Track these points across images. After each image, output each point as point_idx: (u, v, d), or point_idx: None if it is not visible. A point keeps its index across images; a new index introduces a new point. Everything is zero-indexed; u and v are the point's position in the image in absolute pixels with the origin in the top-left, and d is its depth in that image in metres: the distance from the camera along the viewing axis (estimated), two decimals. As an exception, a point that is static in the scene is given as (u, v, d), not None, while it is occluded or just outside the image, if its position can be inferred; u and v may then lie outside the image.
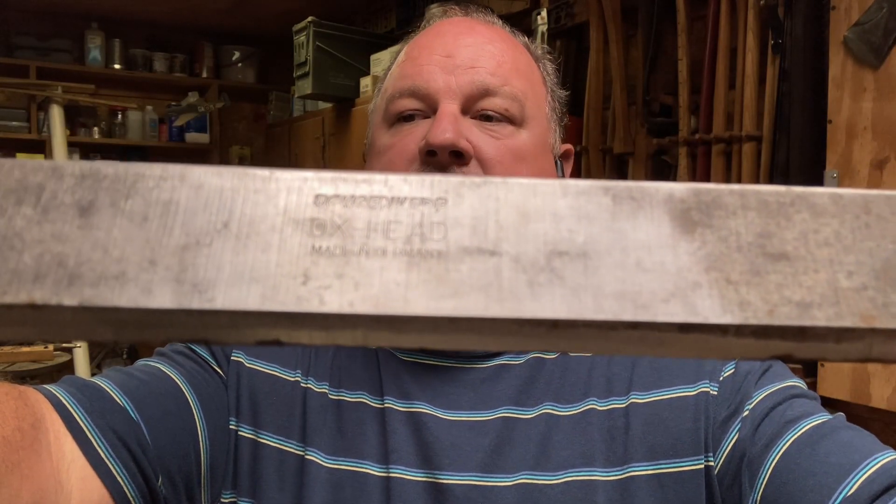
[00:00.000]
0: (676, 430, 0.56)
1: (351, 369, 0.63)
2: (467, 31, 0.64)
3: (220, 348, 0.64)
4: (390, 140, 0.62)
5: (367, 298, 0.15)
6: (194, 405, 0.59)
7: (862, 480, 0.46)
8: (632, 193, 0.17)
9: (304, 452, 0.60)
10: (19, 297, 0.14)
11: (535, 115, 0.64)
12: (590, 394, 0.59)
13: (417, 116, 0.62)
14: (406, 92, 0.62)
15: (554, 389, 0.60)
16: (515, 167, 0.61)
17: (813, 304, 0.15)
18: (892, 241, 0.16)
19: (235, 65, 4.40)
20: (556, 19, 2.29)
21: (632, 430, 0.57)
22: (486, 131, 0.61)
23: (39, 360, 2.59)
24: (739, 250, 0.16)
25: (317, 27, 2.98)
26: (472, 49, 0.62)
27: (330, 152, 3.45)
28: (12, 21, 3.88)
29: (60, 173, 0.16)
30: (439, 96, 0.60)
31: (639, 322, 0.15)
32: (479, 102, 0.61)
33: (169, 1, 3.71)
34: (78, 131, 3.97)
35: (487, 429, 0.58)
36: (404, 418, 0.60)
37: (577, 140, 2.23)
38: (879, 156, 1.38)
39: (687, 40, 1.87)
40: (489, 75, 0.61)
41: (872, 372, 1.39)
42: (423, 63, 0.62)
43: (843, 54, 1.44)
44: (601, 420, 0.58)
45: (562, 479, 0.56)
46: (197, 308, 0.15)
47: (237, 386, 0.62)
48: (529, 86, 0.64)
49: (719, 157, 1.80)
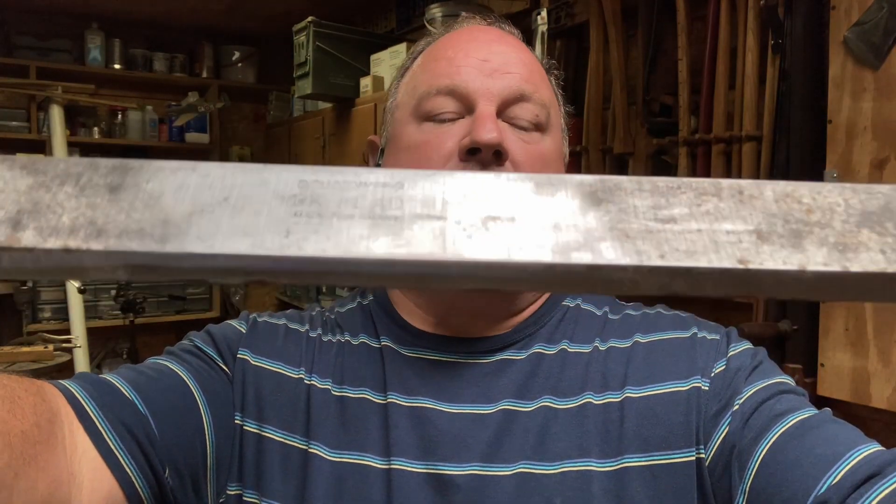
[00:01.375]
0: (669, 424, 0.59)
1: (354, 367, 0.65)
2: (498, 39, 0.67)
3: (227, 347, 0.67)
4: (423, 136, 0.63)
5: (338, 246, 0.19)
6: (200, 400, 0.62)
7: (846, 470, 0.48)
8: (551, 181, 0.21)
9: (307, 447, 0.62)
10: (56, 244, 0.19)
11: (556, 123, 0.67)
12: (586, 388, 0.62)
13: (451, 117, 0.63)
14: (444, 90, 0.63)
15: (552, 384, 0.62)
16: (542, 170, 0.63)
17: (697, 252, 0.19)
18: (761, 213, 0.21)
19: (235, 65, 4.40)
20: (556, 19, 2.29)
21: (626, 423, 0.59)
22: (519, 136, 0.63)
23: (39, 360, 2.59)
24: (637, 217, 0.20)
25: (317, 27, 2.98)
26: (505, 56, 0.65)
27: (330, 152, 3.45)
28: (12, 21, 3.88)
29: (96, 165, 0.21)
30: (477, 97, 0.62)
31: (556, 263, 0.19)
32: (513, 107, 0.63)
33: (169, 1, 3.71)
34: (78, 131, 3.97)
35: (488, 421, 0.60)
36: (407, 412, 0.62)
37: (577, 140, 2.23)
38: (879, 156, 1.38)
39: (687, 40, 1.87)
40: (524, 81, 0.64)
41: (872, 372, 1.39)
42: (461, 64, 0.64)
43: (843, 54, 1.44)
44: (597, 413, 0.60)
45: (559, 470, 0.58)
46: (199, 252, 0.19)
47: (242, 382, 0.65)
48: (551, 95, 0.68)
49: (719, 157, 1.80)
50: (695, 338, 0.64)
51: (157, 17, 4.02)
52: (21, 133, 3.81)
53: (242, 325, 0.70)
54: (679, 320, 0.68)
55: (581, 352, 0.64)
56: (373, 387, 0.64)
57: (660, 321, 0.67)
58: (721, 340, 0.64)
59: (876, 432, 1.58)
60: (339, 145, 3.35)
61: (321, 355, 0.67)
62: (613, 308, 0.70)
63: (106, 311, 3.98)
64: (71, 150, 3.73)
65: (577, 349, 0.65)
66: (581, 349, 0.65)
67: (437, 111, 0.63)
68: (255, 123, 4.64)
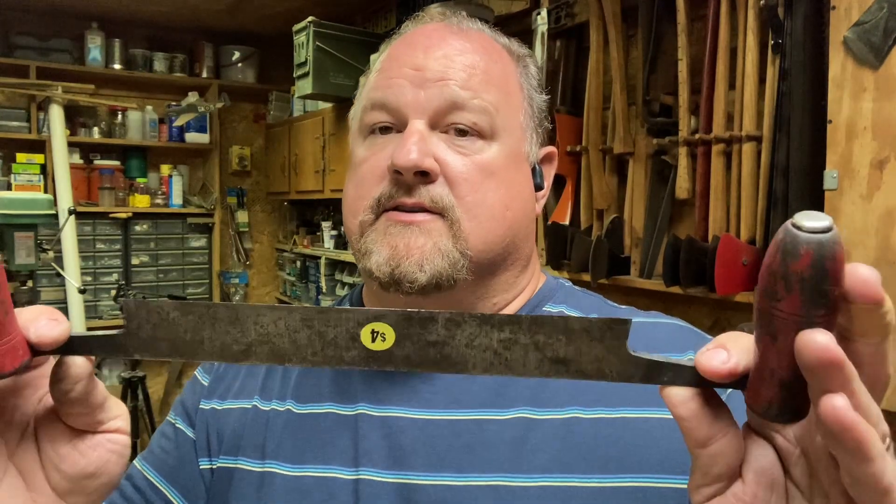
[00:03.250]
0: (666, 449, 0.56)
1: (320, 384, 0.66)
2: (438, 43, 0.64)
3: (191, 406, 0.71)
4: (364, 153, 0.64)
5: None
6: (165, 487, 0.68)
7: None
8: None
9: (262, 467, 0.63)
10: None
11: (507, 125, 0.64)
12: (574, 401, 0.59)
13: (391, 129, 0.63)
14: (377, 104, 0.63)
15: (531, 393, 0.60)
16: (483, 183, 0.61)
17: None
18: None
19: (235, 65, 4.40)
20: (556, 19, 2.29)
21: (620, 442, 0.57)
22: (455, 147, 0.61)
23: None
24: None
25: (317, 27, 2.98)
26: (443, 61, 0.62)
27: (330, 152, 3.45)
28: (12, 21, 3.88)
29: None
30: (408, 111, 0.61)
31: None
32: (448, 116, 0.61)
33: (169, 1, 3.70)
34: (78, 131, 3.97)
35: (460, 428, 0.59)
36: (378, 423, 0.61)
37: (577, 140, 2.23)
38: (879, 156, 1.38)
39: (687, 40, 1.87)
40: (459, 89, 0.61)
41: (872, 372, 1.39)
42: (394, 76, 0.63)
43: (843, 54, 1.44)
44: (586, 428, 0.58)
45: (537, 483, 0.56)
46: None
47: (206, 430, 0.68)
48: (502, 96, 0.64)
49: (719, 157, 1.80)
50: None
51: (157, 17, 4.02)
52: (21, 133, 3.81)
53: (206, 378, 0.73)
54: (677, 338, 0.65)
55: None
56: (340, 400, 0.64)
57: (657, 338, 0.64)
58: None
59: (876, 432, 1.58)
60: (338, 145, 3.35)
61: (284, 380, 0.68)
62: (603, 314, 0.68)
63: (106, 311, 3.98)
64: (71, 150, 3.73)
65: None
66: None
67: (373, 124, 0.63)
68: (255, 123, 4.64)
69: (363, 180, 0.63)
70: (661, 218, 2.05)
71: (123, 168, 4.12)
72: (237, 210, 4.59)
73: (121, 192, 4.05)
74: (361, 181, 0.63)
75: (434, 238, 0.59)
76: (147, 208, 4.11)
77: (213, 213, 4.32)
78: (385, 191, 0.61)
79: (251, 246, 4.70)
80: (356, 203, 0.63)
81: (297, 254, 4.21)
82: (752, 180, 1.72)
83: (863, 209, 1.40)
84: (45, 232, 3.10)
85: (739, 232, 1.75)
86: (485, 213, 0.61)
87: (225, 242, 4.55)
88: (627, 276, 2.11)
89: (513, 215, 0.63)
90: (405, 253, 0.58)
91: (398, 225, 0.60)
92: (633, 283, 2.08)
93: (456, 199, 0.60)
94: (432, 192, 0.59)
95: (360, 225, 0.62)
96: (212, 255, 4.37)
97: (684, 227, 2.02)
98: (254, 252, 4.71)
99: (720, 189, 1.80)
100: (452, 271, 0.59)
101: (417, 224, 0.59)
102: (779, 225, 1.61)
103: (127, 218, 4.05)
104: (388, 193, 0.60)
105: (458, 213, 0.59)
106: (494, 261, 0.63)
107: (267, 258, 4.76)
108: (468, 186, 0.60)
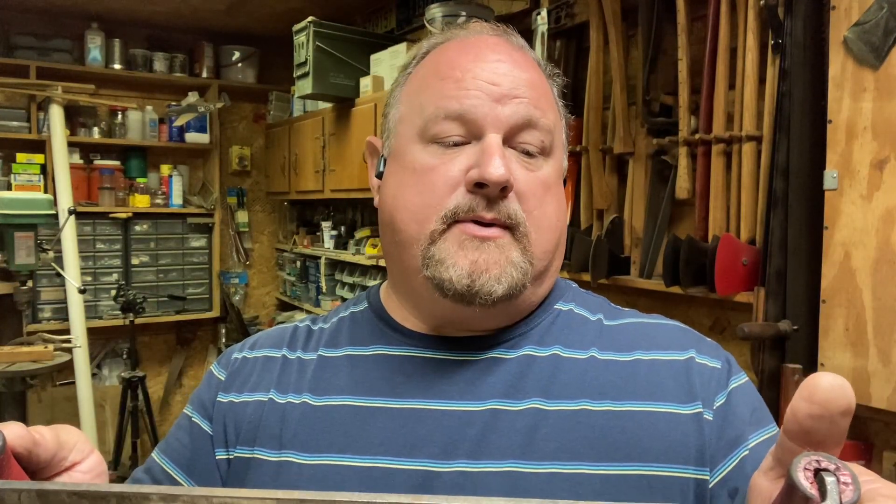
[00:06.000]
0: (671, 440, 0.60)
1: (337, 378, 0.68)
2: (507, 57, 0.66)
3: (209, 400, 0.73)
4: (431, 161, 0.64)
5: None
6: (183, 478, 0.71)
7: None
8: None
9: (278, 457, 0.64)
10: None
11: (558, 142, 0.68)
12: (583, 395, 0.62)
13: (457, 141, 0.64)
14: (452, 115, 0.64)
15: (543, 386, 0.63)
16: (544, 197, 0.65)
17: None
18: None
19: (235, 65, 4.40)
20: (556, 19, 2.29)
21: (628, 432, 0.60)
22: (523, 164, 0.64)
23: (39, 360, 2.59)
24: None
25: (317, 27, 2.98)
26: (515, 78, 0.64)
27: (330, 152, 3.45)
28: (12, 21, 3.88)
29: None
30: (485, 124, 0.63)
31: None
32: (521, 134, 0.64)
33: (169, 1, 3.70)
34: (78, 131, 3.97)
35: (476, 419, 0.61)
36: (395, 414, 0.63)
37: (577, 140, 2.23)
38: (879, 156, 1.38)
39: (687, 40, 1.87)
40: (532, 107, 0.64)
41: (872, 372, 1.39)
42: (469, 87, 0.64)
43: (843, 54, 1.44)
44: (595, 419, 0.61)
45: (547, 470, 0.59)
46: None
47: (223, 422, 0.70)
48: (555, 114, 0.68)
49: (719, 157, 1.80)
50: (691, 363, 0.64)
51: (157, 17, 4.02)
52: (21, 133, 3.81)
53: (222, 373, 0.74)
54: (678, 338, 0.68)
55: (576, 358, 0.65)
56: (358, 392, 0.65)
57: (660, 337, 0.67)
58: (722, 370, 0.65)
59: (876, 432, 1.58)
60: (338, 145, 3.35)
61: (300, 374, 0.69)
62: (609, 314, 0.70)
63: (106, 311, 3.98)
64: (71, 150, 3.73)
65: (570, 354, 0.65)
66: (575, 355, 0.65)
67: (444, 135, 0.64)
68: (255, 123, 4.64)
69: (432, 188, 0.63)
70: (661, 218, 2.05)
71: (123, 168, 4.12)
72: (237, 210, 4.59)
73: (121, 192, 4.05)
74: (430, 189, 0.63)
75: (506, 252, 0.62)
76: (147, 208, 4.11)
77: (213, 213, 4.32)
78: (463, 202, 0.62)
79: (251, 246, 4.70)
80: (424, 210, 0.63)
81: (297, 254, 4.21)
82: (752, 180, 1.72)
83: (863, 209, 1.40)
84: (45, 232, 3.10)
85: (739, 232, 1.75)
86: (546, 225, 0.65)
87: (225, 242, 4.55)
88: (627, 276, 2.11)
89: (562, 224, 0.68)
90: (485, 268, 0.61)
91: (475, 240, 0.62)
92: (633, 283, 2.08)
93: (525, 214, 0.63)
94: (509, 208, 0.62)
95: (431, 233, 0.63)
96: (212, 255, 4.37)
97: (684, 227, 2.02)
98: (254, 252, 4.71)
99: (720, 189, 1.80)
100: (524, 280, 0.63)
101: (493, 240, 0.62)
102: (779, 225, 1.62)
103: (127, 218, 4.05)
104: (468, 206, 0.62)
105: (528, 227, 0.63)
106: (547, 267, 0.67)
107: (267, 258, 4.76)
108: (535, 201, 0.64)
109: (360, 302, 0.75)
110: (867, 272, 1.39)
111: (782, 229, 1.59)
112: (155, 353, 4.38)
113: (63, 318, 3.71)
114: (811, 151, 1.54)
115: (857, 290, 1.41)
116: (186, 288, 4.29)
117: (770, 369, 1.60)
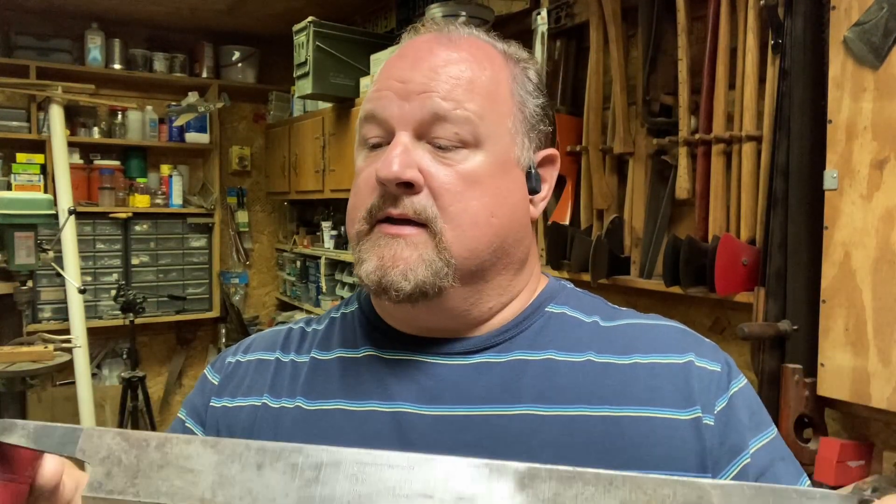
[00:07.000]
0: (669, 446, 0.60)
1: (327, 382, 0.68)
2: (426, 55, 0.65)
3: (203, 405, 0.73)
4: (361, 164, 0.68)
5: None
6: None
7: None
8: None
9: None
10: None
11: (494, 132, 0.65)
12: (580, 399, 0.62)
13: (378, 142, 0.66)
14: (368, 117, 0.66)
15: (537, 391, 0.62)
16: (466, 192, 0.63)
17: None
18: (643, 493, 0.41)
19: (235, 65, 4.40)
20: (556, 19, 2.29)
21: (626, 438, 0.60)
22: (439, 158, 0.63)
23: (39, 360, 2.59)
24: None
25: (317, 27, 2.98)
26: (428, 73, 0.64)
27: (330, 152, 3.45)
28: (12, 21, 3.88)
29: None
30: (393, 124, 0.64)
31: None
32: (432, 128, 0.63)
33: (169, 1, 3.70)
34: (78, 131, 3.97)
35: (468, 423, 0.61)
36: (387, 418, 0.63)
37: (577, 140, 2.23)
38: (879, 156, 1.38)
39: (687, 40, 1.87)
40: (441, 100, 0.63)
41: (872, 372, 1.39)
42: (381, 87, 0.65)
43: (843, 54, 1.44)
44: (593, 425, 0.60)
45: None
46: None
47: (216, 427, 0.70)
48: (488, 103, 0.65)
49: (719, 157, 1.80)
50: (690, 366, 0.64)
51: (157, 17, 4.02)
52: (21, 133, 3.81)
53: (216, 377, 0.74)
54: (677, 340, 0.67)
55: (571, 361, 0.64)
56: (349, 397, 0.66)
57: (659, 339, 0.66)
58: (722, 373, 0.64)
59: (876, 432, 1.58)
60: (338, 145, 3.35)
61: (293, 378, 0.70)
62: (605, 315, 0.69)
63: (106, 311, 3.99)
64: (71, 150, 3.73)
65: (565, 358, 0.64)
66: (570, 358, 0.64)
67: (367, 137, 0.66)
68: (255, 123, 4.64)
69: (358, 191, 0.66)
70: (661, 218, 2.05)
71: (123, 168, 4.12)
72: (237, 210, 4.59)
73: (121, 192, 4.05)
74: (357, 191, 0.66)
75: (420, 250, 0.62)
76: (147, 208, 4.11)
77: (213, 213, 4.32)
78: (375, 202, 0.64)
79: (251, 246, 4.70)
80: (353, 212, 0.67)
81: (297, 254, 4.21)
82: (752, 180, 1.72)
83: (863, 209, 1.40)
84: (45, 232, 3.10)
85: (739, 232, 1.75)
86: (468, 222, 0.63)
87: (225, 242, 4.55)
88: (627, 276, 2.11)
89: (499, 221, 0.65)
90: (391, 263, 0.62)
91: (386, 237, 0.63)
92: (633, 283, 2.08)
93: (439, 210, 0.62)
94: (416, 204, 0.62)
95: (357, 234, 0.65)
96: (212, 255, 4.37)
97: (684, 227, 2.02)
98: (254, 252, 4.71)
99: (720, 189, 1.80)
100: (436, 280, 0.62)
101: (404, 237, 0.62)
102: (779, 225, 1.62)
103: (127, 218, 4.05)
104: (378, 205, 0.64)
105: (441, 225, 0.62)
106: (483, 266, 0.65)
107: (267, 258, 4.76)
108: (451, 197, 0.63)
109: (352, 303, 0.76)
110: (867, 272, 1.39)
111: (782, 229, 1.59)
112: (155, 354, 4.38)
113: (63, 318, 3.71)
114: (811, 151, 1.54)
115: (857, 290, 1.41)
116: (186, 288, 4.29)
117: (770, 369, 1.60)
